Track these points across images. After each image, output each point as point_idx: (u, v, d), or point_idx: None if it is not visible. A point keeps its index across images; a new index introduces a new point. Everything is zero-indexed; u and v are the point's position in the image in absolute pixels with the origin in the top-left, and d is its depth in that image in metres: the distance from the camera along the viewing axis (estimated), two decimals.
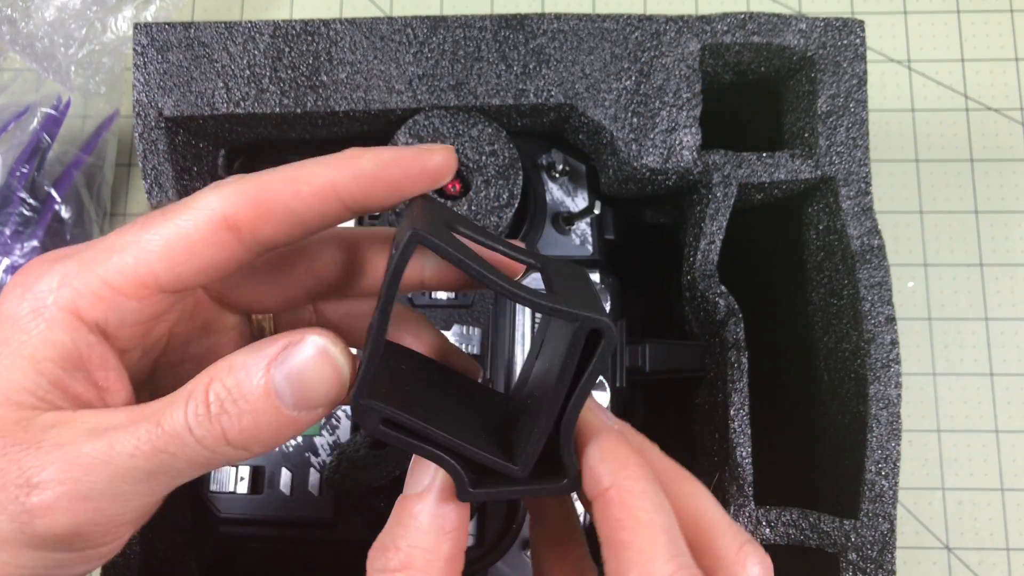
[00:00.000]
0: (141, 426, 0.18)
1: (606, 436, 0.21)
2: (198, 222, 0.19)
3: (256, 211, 0.20)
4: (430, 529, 0.20)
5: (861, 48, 0.38)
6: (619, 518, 0.19)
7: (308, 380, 0.19)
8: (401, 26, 0.37)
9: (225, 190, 0.20)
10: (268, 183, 0.20)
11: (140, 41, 0.37)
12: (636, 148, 0.37)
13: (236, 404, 0.18)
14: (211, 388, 0.19)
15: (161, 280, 0.20)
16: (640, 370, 0.40)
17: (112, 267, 0.19)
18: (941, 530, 0.50)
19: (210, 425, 0.18)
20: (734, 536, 0.21)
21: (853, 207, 0.37)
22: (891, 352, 0.35)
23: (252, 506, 0.37)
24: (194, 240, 0.19)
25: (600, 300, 0.21)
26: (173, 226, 0.19)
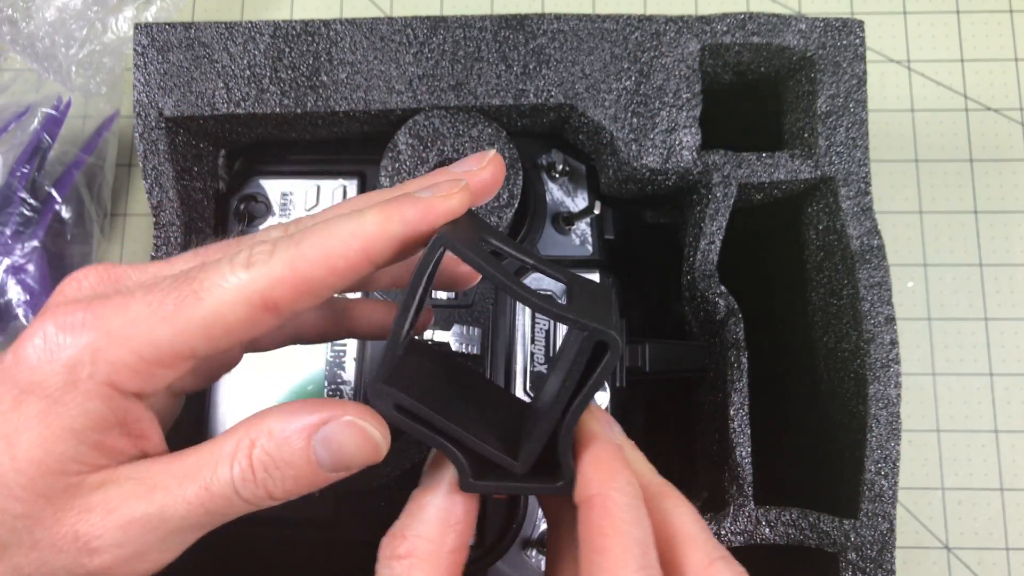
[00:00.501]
0: (189, 488, 0.20)
1: (602, 446, 0.22)
2: (234, 306, 0.20)
3: (295, 293, 0.20)
4: (436, 521, 0.22)
5: (861, 48, 0.38)
6: (599, 524, 0.20)
7: (345, 450, 0.21)
8: (401, 26, 0.37)
9: (260, 271, 0.20)
10: (303, 264, 0.20)
11: (141, 41, 0.37)
12: (636, 148, 0.37)
13: (280, 470, 0.21)
14: (254, 454, 0.20)
15: (198, 352, 0.20)
16: (640, 370, 0.40)
17: (146, 343, 0.20)
18: (941, 530, 0.50)
19: (256, 488, 0.20)
20: (707, 552, 0.21)
21: (853, 207, 0.37)
22: (891, 352, 0.35)
23: None
24: (231, 322, 0.20)
25: (616, 318, 0.22)
26: (210, 309, 0.20)
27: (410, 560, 0.21)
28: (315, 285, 0.21)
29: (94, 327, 0.20)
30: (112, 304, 0.20)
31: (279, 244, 0.21)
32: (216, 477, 0.20)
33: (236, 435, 0.21)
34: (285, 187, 0.41)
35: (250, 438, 0.20)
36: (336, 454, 0.21)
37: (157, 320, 0.20)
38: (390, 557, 0.22)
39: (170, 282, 0.21)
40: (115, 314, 0.20)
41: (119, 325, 0.20)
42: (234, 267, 0.20)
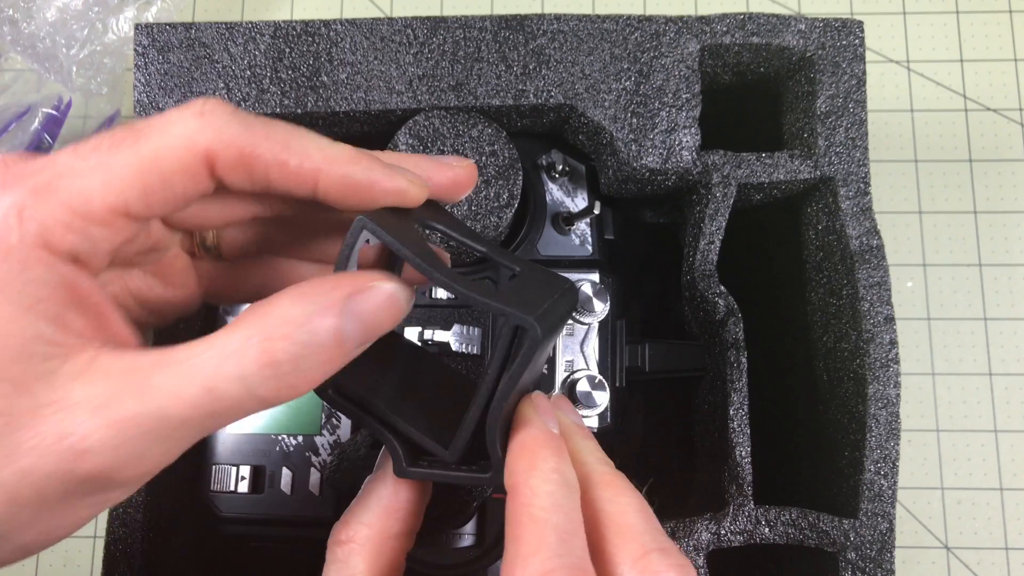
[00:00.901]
0: (188, 389, 0.18)
1: (530, 433, 0.21)
2: (176, 150, 0.18)
3: (238, 161, 0.19)
4: (379, 508, 0.22)
5: (860, 49, 0.38)
6: (517, 513, 0.20)
7: (377, 323, 0.19)
8: (401, 27, 0.37)
9: (213, 122, 0.19)
10: (260, 139, 0.19)
11: (141, 42, 0.37)
12: (636, 148, 0.37)
13: (307, 358, 0.18)
14: (276, 346, 0.18)
15: (132, 208, 0.18)
16: (640, 370, 0.40)
17: (76, 193, 0.18)
18: (940, 529, 0.50)
19: (277, 383, 0.18)
20: (643, 543, 0.20)
21: (852, 207, 0.37)
22: (890, 352, 0.36)
23: (253, 505, 0.37)
24: (168, 170, 0.18)
25: (552, 304, 0.21)
26: (148, 151, 0.18)
27: (350, 546, 0.22)
28: (257, 167, 0.19)
29: (16, 185, 0.18)
30: (36, 163, 0.18)
31: (243, 112, 0.19)
32: (222, 376, 0.17)
33: (242, 329, 0.18)
34: None
35: (265, 331, 0.18)
36: (366, 327, 0.19)
37: (87, 169, 0.18)
38: (333, 542, 0.22)
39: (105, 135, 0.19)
40: (40, 170, 0.18)
41: (44, 179, 0.18)
42: (183, 114, 0.19)
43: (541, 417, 0.22)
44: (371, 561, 0.22)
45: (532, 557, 0.19)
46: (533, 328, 0.20)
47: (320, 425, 0.38)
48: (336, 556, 0.22)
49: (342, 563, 0.22)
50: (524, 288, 0.22)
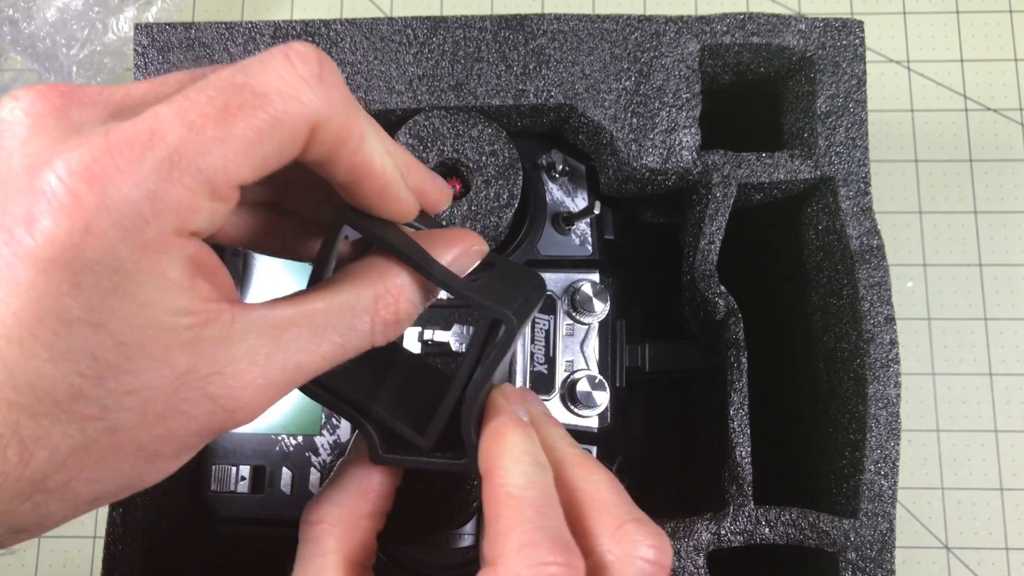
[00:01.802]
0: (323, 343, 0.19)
1: (500, 420, 0.23)
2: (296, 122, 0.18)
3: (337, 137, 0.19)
4: (351, 489, 0.23)
5: (860, 48, 0.38)
6: (494, 493, 0.21)
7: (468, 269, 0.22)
8: (401, 27, 0.37)
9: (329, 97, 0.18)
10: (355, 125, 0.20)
11: (141, 42, 0.37)
12: (636, 148, 0.37)
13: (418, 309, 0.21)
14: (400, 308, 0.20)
15: (246, 180, 0.18)
16: (640, 370, 0.40)
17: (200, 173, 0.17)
18: (940, 529, 0.50)
19: (394, 332, 0.21)
20: (618, 515, 0.21)
21: (852, 207, 0.37)
22: (890, 352, 0.35)
23: (253, 506, 0.37)
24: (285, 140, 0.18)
25: (524, 297, 0.23)
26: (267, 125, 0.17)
27: (322, 526, 0.22)
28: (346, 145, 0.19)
29: (132, 165, 0.16)
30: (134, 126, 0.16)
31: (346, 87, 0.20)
32: (356, 331, 0.20)
33: (370, 287, 0.20)
34: None
35: (391, 293, 0.20)
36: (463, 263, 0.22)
37: (206, 144, 0.17)
38: (305, 521, 0.23)
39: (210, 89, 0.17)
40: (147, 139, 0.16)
41: (161, 156, 0.16)
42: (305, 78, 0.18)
43: (511, 405, 0.24)
44: (342, 540, 0.22)
45: (512, 531, 0.19)
46: (510, 321, 0.21)
47: (320, 425, 0.38)
48: (308, 535, 0.23)
49: (314, 542, 0.22)
50: (498, 282, 0.23)
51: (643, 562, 0.20)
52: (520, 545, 0.19)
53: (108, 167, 0.16)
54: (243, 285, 0.40)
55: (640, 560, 0.20)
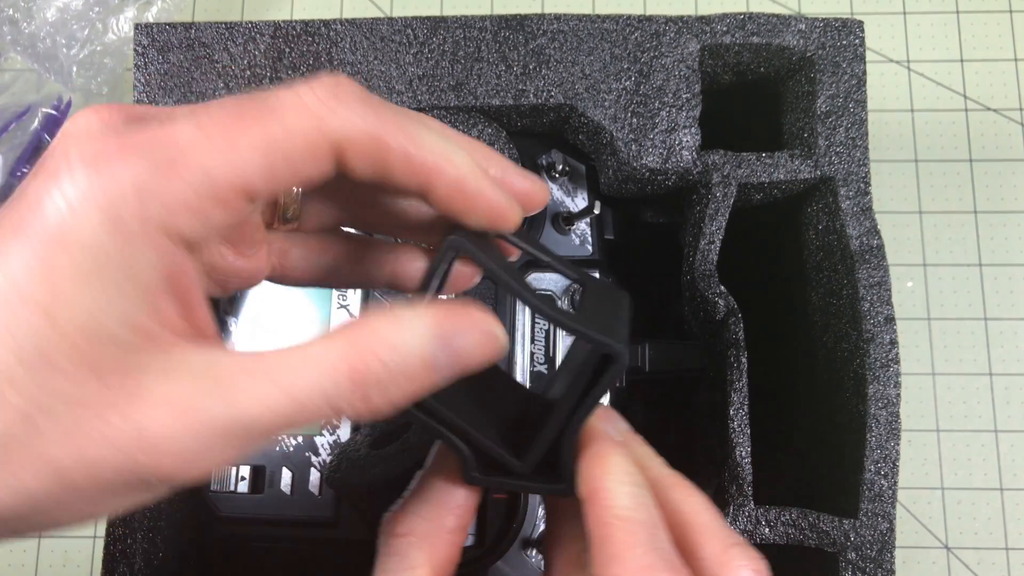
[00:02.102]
0: (272, 394, 0.17)
1: (601, 443, 0.22)
2: (306, 130, 0.18)
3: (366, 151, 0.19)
4: (437, 502, 0.22)
5: (860, 48, 0.38)
6: (602, 515, 0.20)
7: (471, 359, 0.19)
8: (401, 27, 0.37)
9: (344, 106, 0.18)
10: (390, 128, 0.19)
11: (141, 42, 0.37)
12: (636, 148, 0.37)
13: (394, 383, 0.18)
14: (367, 366, 0.17)
15: (253, 189, 0.17)
16: (640, 370, 0.40)
17: (200, 172, 0.17)
18: (940, 530, 0.50)
19: (360, 404, 0.18)
20: (723, 538, 0.21)
21: (852, 207, 0.37)
22: (890, 352, 0.35)
23: (253, 506, 0.37)
24: (295, 150, 0.18)
25: (626, 327, 0.22)
26: (277, 129, 0.17)
27: (409, 538, 0.22)
28: (386, 159, 0.19)
29: (134, 157, 0.16)
30: (153, 132, 0.17)
31: (371, 96, 0.19)
32: (309, 386, 0.17)
33: (336, 343, 0.18)
34: None
35: (358, 347, 0.17)
36: (459, 360, 0.19)
37: (212, 146, 0.17)
38: (390, 534, 0.22)
39: (228, 108, 0.17)
40: (158, 141, 0.17)
41: (166, 154, 0.16)
42: (319, 95, 0.18)
43: (606, 427, 0.23)
44: (430, 554, 0.22)
45: (628, 553, 0.19)
46: (621, 357, 0.20)
47: (320, 425, 0.38)
48: (393, 548, 0.22)
49: (400, 556, 0.22)
50: (596, 307, 0.22)
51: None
52: (639, 568, 0.19)
53: (113, 156, 0.16)
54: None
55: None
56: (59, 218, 0.16)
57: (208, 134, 0.17)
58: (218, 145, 0.17)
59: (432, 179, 0.20)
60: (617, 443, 0.22)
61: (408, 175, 0.19)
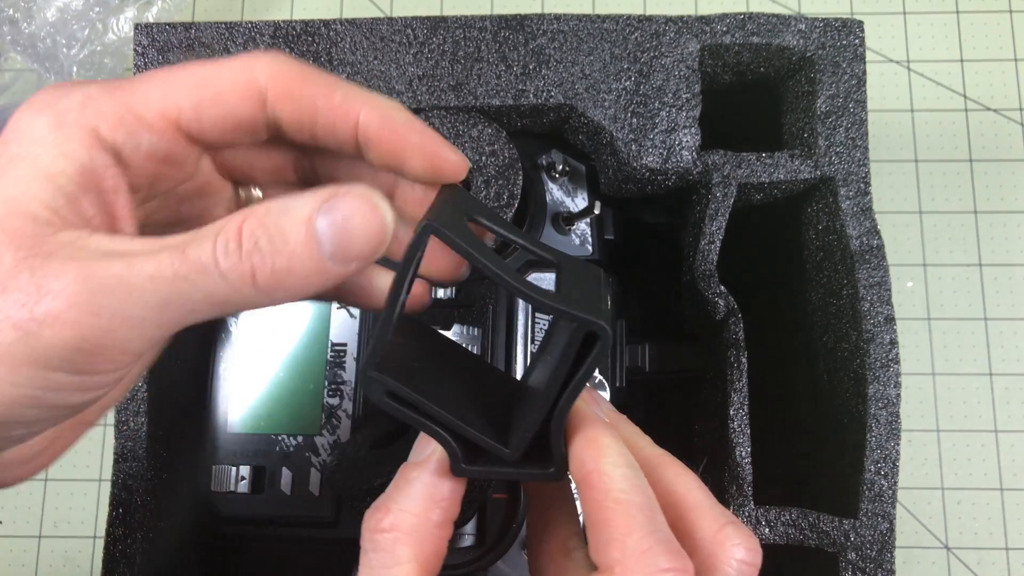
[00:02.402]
0: (164, 253, 0.18)
1: (592, 426, 0.22)
2: (234, 72, 0.20)
3: (288, 95, 0.21)
4: (422, 496, 0.22)
5: (860, 48, 0.38)
6: (598, 498, 0.20)
7: (352, 229, 0.18)
8: (401, 27, 0.37)
9: (269, 56, 0.21)
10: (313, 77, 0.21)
11: (141, 42, 0.37)
12: (636, 148, 0.37)
13: (272, 243, 0.18)
14: (246, 225, 0.18)
15: (183, 117, 0.20)
16: (640, 370, 0.40)
17: (138, 95, 0.20)
18: (940, 530, 0.50)
19: (239, 261, 0.18)
20: (715, 517, 0.22)
21: (852, 207, 0.37)
22: (890, 352, 0.35)
23: (253, 506, 0.37)
24: (223, 90, 0.20)
25: (606, 303, 0.22)
26: (208, 71, 0.20)
27: (395, 534, 0.21)
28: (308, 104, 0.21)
29: (90, 84, 0.20)
30: (106, 81, 0.20)
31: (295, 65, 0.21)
32: (196, 244, 0.18)
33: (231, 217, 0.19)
34: None
35: (244, 215, 0.18)
36: (339, 230, 0.18)
37: (151, 79, 0.20)
38: (374, 530, 0.22)
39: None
40: (113, 81, 0.20)
41: (116, 84, 0.20)
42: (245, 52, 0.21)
43: (593, 409, 0.23)
44: (417, 549, 0.22)
45: (628, 537, 0.19)
46: (605, 334, 0.20)
47: (320, 425, 0.38)
48: (379, 544, 0.21)
49: (386, 552, 0.21)
50: (575, 286, 0.22)
51: (740, 563, 0.21)
52: (638, 552, 0.19)
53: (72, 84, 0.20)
54: None
55: (737, 562, 0.21)
56: (23, 121, 0.19)
57: (153, 74, 0.20)
58: (158, 80, 0.20)
59: (358, 120, 0.21)
60: (608, 424, 0.23)
61: (334, 120, 0.21)
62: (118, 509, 0.35)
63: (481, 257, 0.20)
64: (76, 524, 0.51)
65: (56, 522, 0.51)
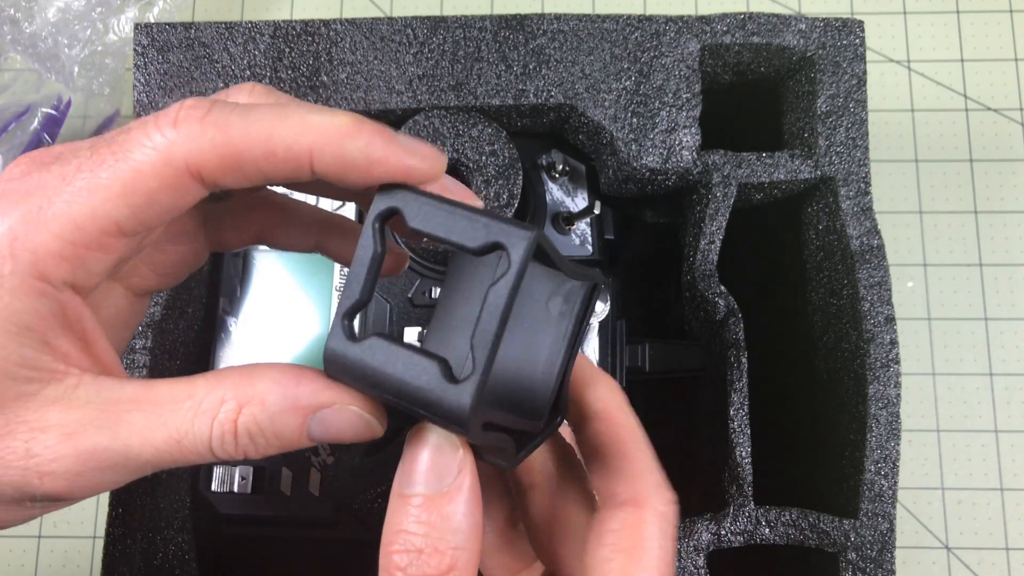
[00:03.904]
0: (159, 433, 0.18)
1: (606, 377, 0.24)
2: (156, 167, 0.18)
3: (222, 164, 0.19)
4: (467, 527, 0.19)
5: (860, 48, 0.38)
6: (619, 433, 0.22)
7: (341, 431, 0.19)
8: (401, 26, 0.37)
9: (186, 130, 0.18)
10: (241, 137, 0.18)
11: (141, 41, 0.37)
12: (636, 148, 0.37)
13: (267, 440, 0.19)
14: (240, 420, 0.19)
15: (124, 227, 0.19)
16: (640, 370, 0.40)
17: (69, 221, 0.18)
18: (940, 530, 0.50)
19: (234, 450, 0.19)
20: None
21: (852, 207, 0.37)
22: (890, 352, 0.35)
23: (253, 506, 0.37)
24: (153, 188, 0.18)
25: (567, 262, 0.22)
26: (128, 170, 0.18)
27: (454, 573, 0.19)
28: (246, 163, 0.19)
29: (6, 214, 0.18)
30: (26, 184, 0.18)
31: (217, 107, 0.19)
32: (192, 431, 0.18)
33: (221, 389, 0.19)
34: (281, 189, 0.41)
35: (238, 401, 0.18)
36: (330, 435, 0.19)
37: (74, 193, 0.18)
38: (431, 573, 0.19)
39: (87, 149, 0.19)
40: (31, 194, 0.18)
41: (35, 206, 0.18)
42: (160, 126, 0.18)
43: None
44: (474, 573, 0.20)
45: (648, 472, 0.22)
46: (604, 281, 0.22)
47: None
48: None
49: None
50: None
51: None
52: (656, 485, 0.22)
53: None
54: (243, 284, 0.40)
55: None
56: None
57: (70, 181, 0.18)
58: (79, 192, 0.18)
59: (312, 162, 0.19)
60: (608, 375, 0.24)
61: (285, 167, 0.19)
62: (118, 509, 0.35)
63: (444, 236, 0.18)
64: (76, 524, 0.51)
65: (56, 522, 0.51)
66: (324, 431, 0.19)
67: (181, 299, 0.37)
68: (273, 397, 0.19)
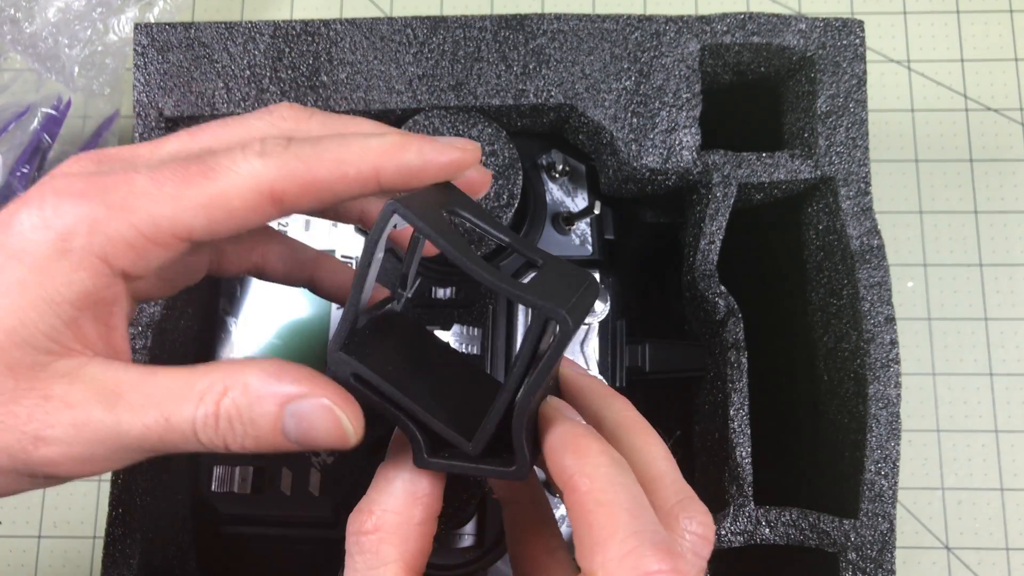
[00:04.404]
0: (150, 413, 0.20)
1: (563, 427, 0.22)
2: (242, 191, 0.20)
3: (302, 190, 0.21)
4: (403, 494, 0.22)
5: (861, 48, 0.38)
6: (581, 501, 0.20)
7: (314, 431, 0.20)
8: (401, 26, 0.37)
9: (273, 162, 0.21)
10: (317, 164, 0.21)
11: (140, 41, 0.37)
12: (636, 148, 0.37)
13: (244, 428, 0.20)
14: (223, 403, 0.20)
15: (195, 235, 0.20)
16: (640, 370, 0.40)
17: (147, 217, 0.20)
18: (941, 530, 0.50)
19: (214, 435, 0.20)
20: (676, 491, 0.22)
21: (853, 207, 0.37)
22: (891, 352, 0.35)
23: (253, 506, 0.37)
24: (235, 207, 0.20)
25: (579, 297, 0.21)
26: (217, 189, 0.20)
27: (379, 534, 0.21)
28: (322, 187, 0.21)
29: (94, 198, 0.20)
30: (115, 178, 0.20)
31: (295, 141, 0.21)
32: (179, 412, 0.20)
33: (212, 375, 0.20)
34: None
35: (224, 384, 0.20)
36: (304, 431, 0.20)
37: (162, 196, 0.20)
38: (358, 532, 0.22)
39: (179, 162, 0.20)
40: (117, 187, 0.20)
41: (121, 198, 0.20)
42: (247, 155, 0.21)
43: (564, 411, 0.23)
44: (402, 548, 0.21)
45: (610, 540, 0.19)
46: (565, 322, 0.20)
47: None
48: (363, 546, 0.22)
49: (371, 553, 0.21)
50: (549, 280, 0.21)
51: (693, 536, 0.22)
52: (622, 555, 0.19)
53: (78, 193, 0.20)
54: (243, 284, 0.40)
55: (690, 534, 0.22)
56: (22, 235, 0.19)
57: (160, 186, 0.20)
58: (167, 197, 0.20)
59: (379, 178, 0.22)
60: (582, 425, 0.22)
61: (353, 188, 0.22)
62: (118, 509, 0.35)
63: (441, 238, 0.20)
64: (76, 524, 0.51)
65: (56, 522, 0.51)
66: (297, 425, 0.20)
67: (181, 299, 0.37)
68: (255, 383, 0.20)
